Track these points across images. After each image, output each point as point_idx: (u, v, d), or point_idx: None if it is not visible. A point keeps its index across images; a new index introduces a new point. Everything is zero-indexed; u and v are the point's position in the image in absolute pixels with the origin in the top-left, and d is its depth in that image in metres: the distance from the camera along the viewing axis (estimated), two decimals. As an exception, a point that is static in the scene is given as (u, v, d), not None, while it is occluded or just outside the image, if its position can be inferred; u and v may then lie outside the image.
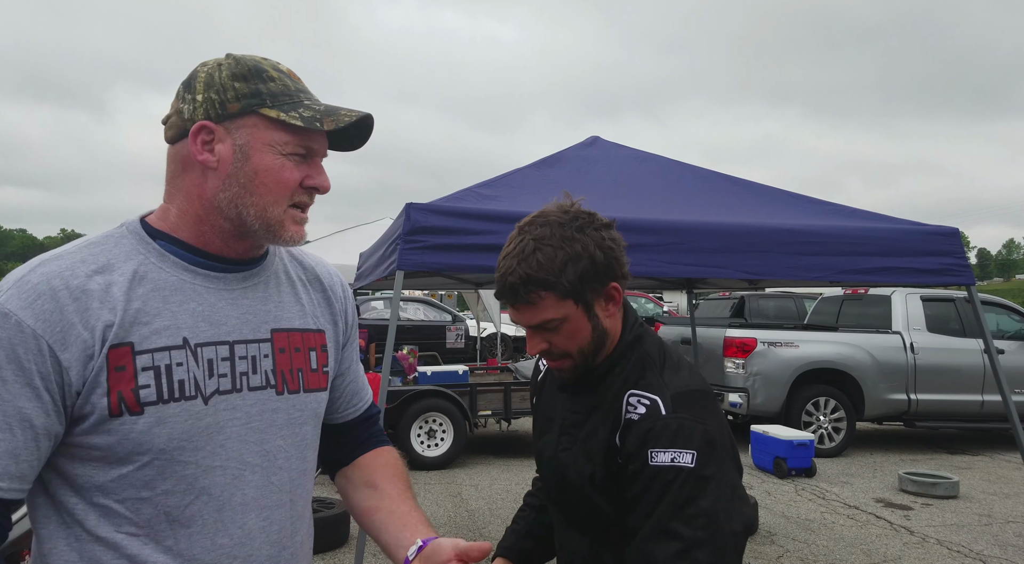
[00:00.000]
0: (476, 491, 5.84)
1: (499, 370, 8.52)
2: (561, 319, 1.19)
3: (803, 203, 3.68)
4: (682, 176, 3.97)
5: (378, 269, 3.63)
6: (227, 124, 1.01)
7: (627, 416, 1.20)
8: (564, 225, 1.18)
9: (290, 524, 1.09)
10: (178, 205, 1.05)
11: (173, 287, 1.01)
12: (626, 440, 1.19)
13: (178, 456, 0.97)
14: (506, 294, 1.20)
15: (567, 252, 1.16)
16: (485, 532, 4.81)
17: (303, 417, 1.11)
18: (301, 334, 1.13)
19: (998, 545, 4.73)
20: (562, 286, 1.16)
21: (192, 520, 0.98)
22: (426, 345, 12.03)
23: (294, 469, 1.09)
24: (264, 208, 1.02)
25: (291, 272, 1.18)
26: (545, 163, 3.90)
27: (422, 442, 6.52)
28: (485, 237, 3.00)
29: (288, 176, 1.03)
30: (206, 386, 1.00)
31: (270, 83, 1.03)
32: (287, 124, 1.02)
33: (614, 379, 1.25)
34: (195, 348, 1.00)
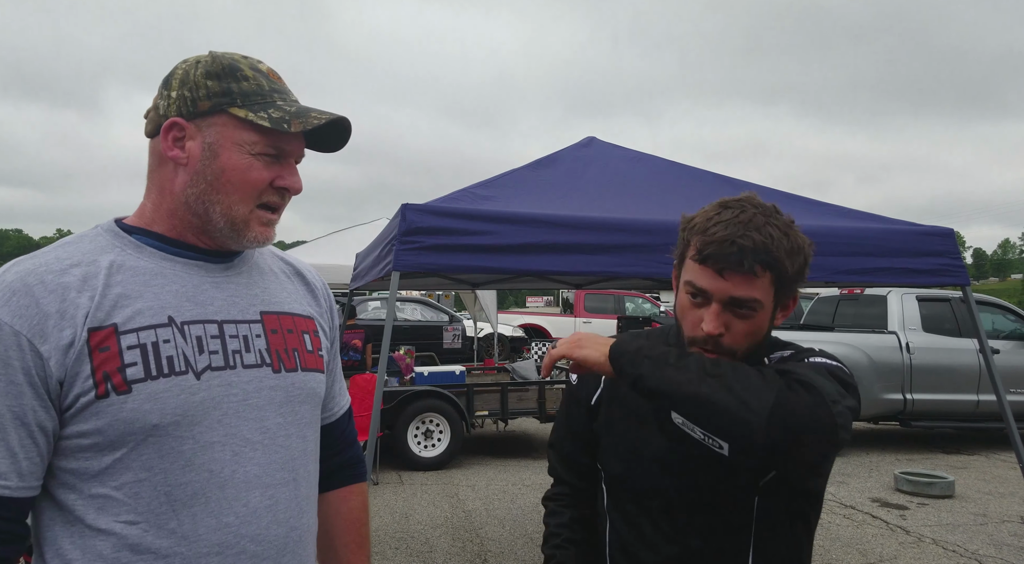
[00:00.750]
0: (473, 492, 5.84)
1: (496, 370, 8.52)
2: (761, 304, 1.11)
3: (798, 203, 3.69)
4: (678, 176, 3.97)
5: (374, 270, 3.63)
6: (198, 121, 1.03)
7: (771, 364, 1.18)
8: (780, 215, 1.13)
9: (295, 504, 1.07)
10: (152, 199, 1.06)
11: (153, 272, 1.02)
12: None
13: (174, 431, 0.96)
14: (728, 258, 1.08)
15: (792, 243, 1.10)
16: (482, 532, 4.81)
17: (302, 395, 1.10)
18: (292, 317, 1.13)
19: (993, 545, 4.74)
20: (783, 273, 1.10)
21: (195, 498, 0.97)
22: (423, 345, 12.02)
23: (295, 448, 1.08)
24: (230, 207, 1.03)
25: (271, 265, 1.19)
26: (541, 164, 3.90)
27: (419, 442, 6.52)
28: (481, 238, 3.00)
29: (255, 176, 1.04)
30: (197, 361, 0.99)
31: (243, 82, 1.04)
32: (255, 124, 1.02)
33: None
34: (182, 325, 1.00)
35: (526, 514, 5.26)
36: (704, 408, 1.02)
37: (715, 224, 1.10)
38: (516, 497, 5.70)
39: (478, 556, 4.39)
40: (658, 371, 1.06)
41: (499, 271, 3.12)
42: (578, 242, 3.07)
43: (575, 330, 17.62)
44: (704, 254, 1.10)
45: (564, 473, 1.40)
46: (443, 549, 4.49)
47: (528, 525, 4.99)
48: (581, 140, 4.24)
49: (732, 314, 1.11)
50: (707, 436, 1.07)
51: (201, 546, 0.97)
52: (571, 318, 18.01)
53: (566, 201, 3.42)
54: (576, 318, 17.84)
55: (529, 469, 6.65)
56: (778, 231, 1.09)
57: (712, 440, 1.07)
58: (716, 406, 1.01)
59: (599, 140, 4.25)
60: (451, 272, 3.15)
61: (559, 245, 3.05)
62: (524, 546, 4.57)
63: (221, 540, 0.98)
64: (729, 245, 1.08)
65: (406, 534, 4.77)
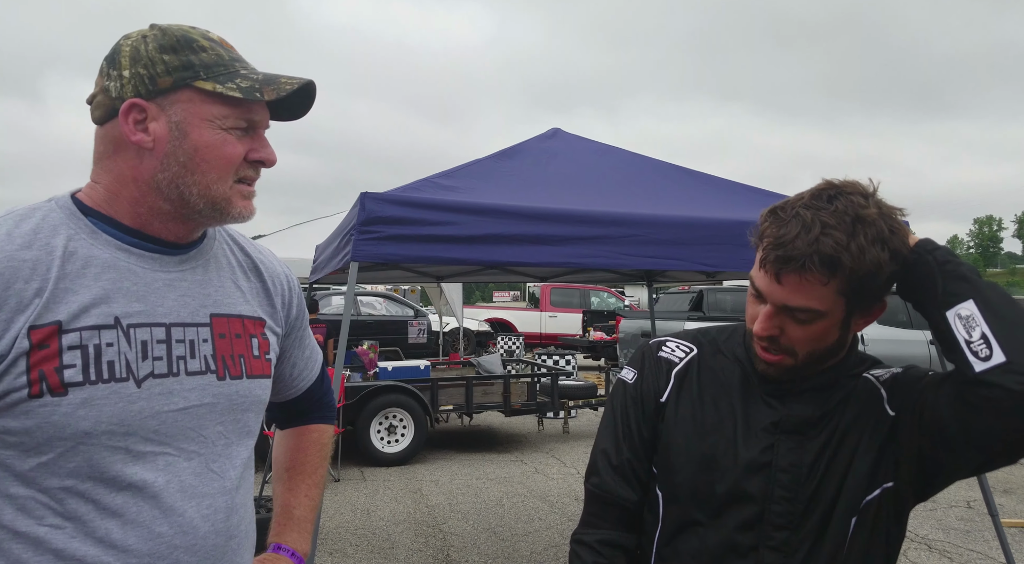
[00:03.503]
0: (436, 486, 5.80)
1: (461, 365, 8.48)
2: (819, 313, 1.04)
3: (759, 196, 3.72)
4: (642, 169, 3.97)
5: (333, 261, 3.55)
6: (159, 100, 0.95)
7: (883, 380, 1.13)
8: (864, 216, 1.02)
9: (234, 513, 1.04)
10: (106, 185, 0.99)
11: (105, 264, 0.95)
12: (897, 387, 1.11)
13: (107, 441, 0.90)
14: (786, 265, 1.02)
15: (875, 257, 1.01)
16: (445, 527, 4.77)
17: (245, 403, 1.06)
18: (242, 320, 1.08)
19: (941, 529, 4.88)
20: (852, 281, 1.01)
21: (125, 509, 0.92)
22: (387, 340, 11.90)
23: (235, 456, 1.05)
24: (208, 186, 0.97)
25: (230, 258, 1.13)
26: (505, 154, 3.86)
27: (382, 438, 6.45)
28: (443, 228, 2.95)
29: (231, 151, 0.98)
30: (139, 368, 0.94)
31: (201, 54, 0.97)
32: (225, 96, 0.96)
33: (843, 379, 1.14)
34: (128, 329, 0.94)
35: (490, 508, 5.23)
36: (1021, 321, 0.95)
37: (784, 225, 1.03)
38: (480, 491, 5.67)
39: (440, 551, 4.35)
40: (969, 269, 1.01)
41: (461, 262, 3.08)
42: (542, 234, 3.04)
43: (541, 323, 17.68)
44: (764, 258, 1.05)
45: (620, 488, 1.19)
46: (405, 545, 4.45)
47: (491, 519, 4.97)
48: (546, 131, 4.21)
49: (789, 317, 1.06)
50: (984, 340, 0.95)
51: (131, 557, 0.92)
52: (537, 312, 18.05)
53: (530, 192, 3.39)
54: (542, 312, 17.89)
55: (493, 463, 6.63)
56: (846, 235, 0.99)
57: (987, 347, 0.95)
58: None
59: (564, 132, 4.22)
60: (412, 263, 3.10)
61: (522, 236, 3.01)
62: (487, 540, 4.55)
63: (153, 550, 0.94)
64: (786, 252, 1.01)
65: (367, 531, 4.71)
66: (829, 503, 1.08)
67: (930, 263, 1.03)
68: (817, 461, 1.09)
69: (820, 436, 1.11)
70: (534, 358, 9.78)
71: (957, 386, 0.99)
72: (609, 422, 1.25)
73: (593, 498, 1.23)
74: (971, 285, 0.99)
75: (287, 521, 1.27)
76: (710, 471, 1.13)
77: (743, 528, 1.10)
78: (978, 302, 0.98)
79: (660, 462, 1.19)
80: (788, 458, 1.10)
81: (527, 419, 8.16)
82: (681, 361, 1.23)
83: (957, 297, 1.00)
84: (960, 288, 1.00)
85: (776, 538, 1.09)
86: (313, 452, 1.34)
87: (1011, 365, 0.93)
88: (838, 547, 1.08)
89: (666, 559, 1.16)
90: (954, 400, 0.99)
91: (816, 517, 1.08)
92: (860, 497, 1.08)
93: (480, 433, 8.09)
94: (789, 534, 1.09)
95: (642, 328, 10.95)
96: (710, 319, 8.37)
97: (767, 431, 1.12)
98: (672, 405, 1.20)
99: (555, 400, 7.15)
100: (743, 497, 1.11)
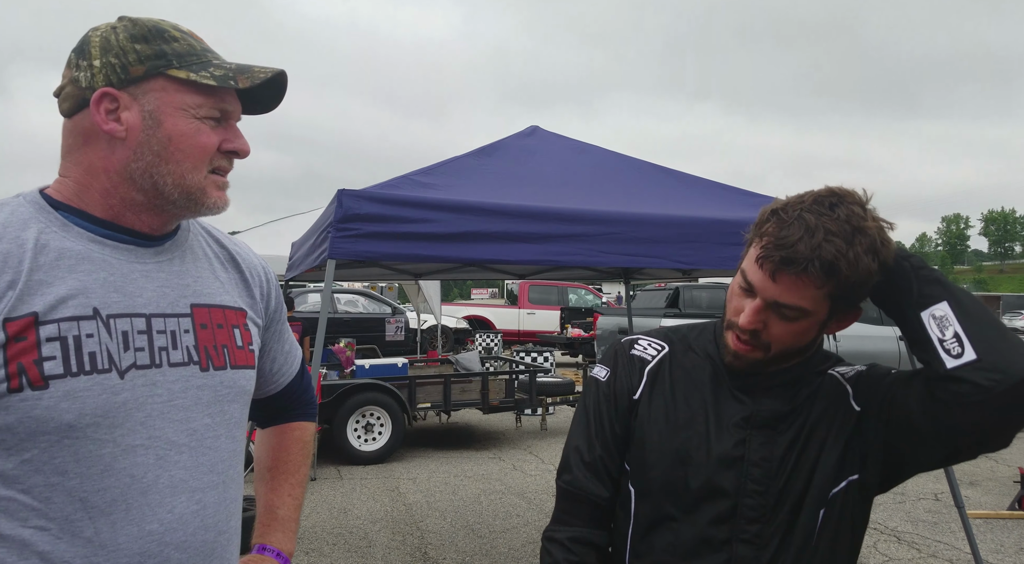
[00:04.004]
0: (414, 484, 5.78)
1: (439, 362, 8.46)
2: (808, 313, 1.07)
3: (734, 195, 3.76)
4: (619, 167, 4.00)
5: (309, 258, 3.52)
6: (131, 89, 0.94)
7: (848, 376, 1.17)
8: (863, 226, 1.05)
9: (224, 508, 1.02)
10: (76, 178, 0.97)
11: (80, 256, 0.93)
12: (863, 384, 1.15)
13: (92, 434, 0.88)
14: (784, 266, 1.04)
15: (868, 266, 1.04)
16: (423, 525, 4.77)
17: (231, 394, 1.04)
18: (223, 310, 1.07)
19: (910, 521, 4.99)
20: (844, 287, 1.05)
21: (113, 505, 0.90)
22: (365, 338, 11.83)
23: (223, 449, 1.03)
24: (182, 176, 0.96)
25: (206, 249, 1.11)
26: (484, 152, 3.86)
27: (359, 436, 6.42)
28: (422, 226, 2.94)
29: (206, 140, 0.97)
30: (121, 359, 0.92)
31: (174, 43, 0.96)
32: (199, 85, 0.96)
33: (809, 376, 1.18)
34: (107, 319, 0.92)
35: (467, 505, 5.24)
36: (989, 322, 1.01)
37: (787, 227, 1.05)
38: (458, 489, 5.67)
39: (418, 549, 4.35)
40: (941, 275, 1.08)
41: (439, 260, 3.08)
42: (520, 231, 3.04)
43: (519, 320, 17.70)
44: (764, 256, 1.07)
45: (592, 485, 1.20)
46: (382, 543, 4.43)
47: (469, 516, 4.98)
48: (524, 129, 4.22)
49: (774, 313, 1.08)
50: (956, 339, 1.00)
51: (120, 556, 0.90)
52: (515, 309, 18.07)
53: (509, 190, 3.40)
54: (520, 309, 17.91)
55: (472, 460, 6.63)
56: (846, 244, 1.02)
57: (959, 345, 0.99)
58: (1004, 331, 1.01)
59: (542, 129, 4.23)
60: (390, 261, 3.09)
61: (501, 234, 3.02)
62: (465, 537, 4.55)
63: (143, 548, 0.92)
64: (788, 254, 1.03)
65: (344, 529, 4.69)
66: (798, 496, 1.11)
67: (905, 268, 1.08)
68: (787, 455, 1.12)
69: (789, 431, 1.14)
70: (512, 355, 9.80)
71: (927, 382, 1.03)
72: (582, 420, 1.26)
73: (565, 495, 1.24)
74: (944, 288, 1.06)
75: (271, 521, 1.26)
76: (683, 466, 1.15)
77: (716, 522, 1.12)
78: (951, 304, 1.03)
79: (633, 458, 1.21)
80: (760, 452, 1.12)
81: (505, 416, 8.17)
82: (653, 359, 1.25)
83: (932, 298, 1.05)
84: (934, 290, 1.05)
85: (749, 531, 1.11)
86: (295, 451, 1.33)
87: (981, 362, 0.98)
88: (807, 538, 1.11)
89: (641, 555, 1.18)
90: (924, 396, 1.03)
91: (786, 510, 1.11)
92: (828, 489, 1.11)
93: (458, 430, 8.09)
94: (761, 527, 1.11)
95: (619, 325, 11.01)
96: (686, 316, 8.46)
97: (739, 426, 1.15)
98: (645, 402, 1.21)
99: (533, 397, 7.18)
100: (716, 492, 1.12)
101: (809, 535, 1.11)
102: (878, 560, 4.26)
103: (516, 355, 9.54)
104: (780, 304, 1.07)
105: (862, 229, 1.04)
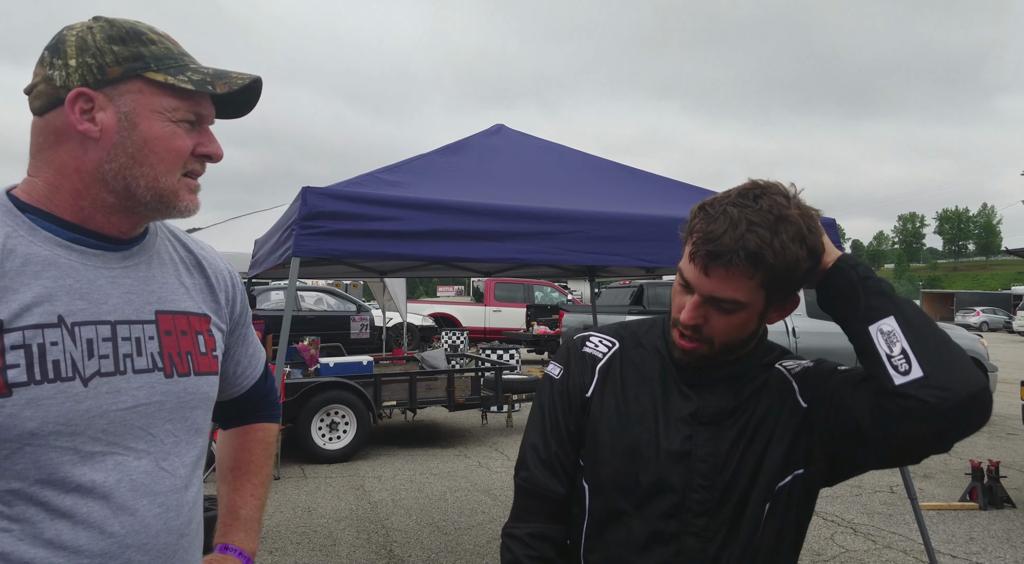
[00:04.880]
0: (379, 482, 5.76)
1: (405, 360, 8.43)
2: (742, 305, 1.10)
3: (696, 194, 3.83)
4: (584, 166, 4.04)
5: (273, 256, 3.48)
6: (108, 90, 0.94)
7: (795, 372, 1.19)
8: (787, 214, 1.07)
9: (186, 511, 1.04)
10: (46, 179, 0.96)
11: (46, 262, 0.93)
12: (809, 380, 1.17)
13: (54, 442, 0.89)
14: (713, 259, 1.07)
15: (788, 245, 1.06)
16: (388, 523, 4.75)
17: (194, 401, 1.06)
18: (187, 317, 1.07)
19: (866, 513, 5.14)
20: (774, 275, 1.07)
21: (75, 510, 0.91)
22: (329, 336, 11.72)
23: (186, 454, 1.04)
24: (156, 179, 0.96)
25: (172, 254, 1.12)
26: (450, 149, 3.86)
27: (323, 435, 6.36)
28: (387, 223, 2.93)
29: (180, 144, 0.98)
30: (85, 367, 0.92)
31: (151, 46, 0.97)
32: (176, 88, 0.96)
33: (755, 369, 1.20)
34: (72, 327, 0.92)
35: (433, 503, 5.23)
36: (936, 338, 1.02)
37: (713, 222, 1.08)
38: (424, 486, 5.66)
39: (383, 547, 4.33)
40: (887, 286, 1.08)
41: (405, 258, 3.07)
42: (486, 229, 3.05)
43: (485, 318, 17.70)
44: (694, 252, 1.10)
45: (548, 481, 1.22)
46: (347, 542, 4.41)
47: (435, 513, 4.98)
48: (490, 127, 4.22)
49: (713, 308, 1.11)
50: (904, 356, 1.02)
51: (82, 557, 0.91)
52: (481, 307, 18.07)
53: (475, 188, 3.40)
54: (486, 307, 17.92)
55: (437, 458, 6.62)
56: (770, 233, 1.05)
57: (906, 362, 1.01)
58: (949, 346, 1.02)
59: (508, 128, 4.24)
60: (355, 259, 3.07)
61: (467, 232, 3.02)
62: (430, 535, 4.55)
63: (105, 550, 0.93)
64: (714, 247, 1.06)
65: (308, 528, 4.64)
66: (744, 490, 1.14)
67: (852, 278, 1.10)
68: (732, 450, 1.15)
69: (735, 426, 1.16)
70: (478, 352, 9.80)
71: (876, 395, 1.06)
72: (537, 417, 1.28)
73: (523, 492, 1.26)
74: (891, 301, 1.07)
75: (234, 521, 1.27)
76: (635, 462, 1.17)
77: (666, 516, 1.15)
78: (899, 319, 1.05)
79: (587, 455, 1.23)
80: (706, 448, 1.15)
81: (471, 413, 8.18)
82: (604, 356, 1.27)
83: (879, 312, 1.06)
84: (882, 304, 1.06)
85: (696, 525, 1.14)
86: (258, 451, 1.34)
87: (928, 380, 1.00)
88: (753, 530, 1.14)
89: (595, 549, 1.20)
90: (873, 407, 1.06)
91: (732, 504, 1.14)
92: (773, 484, 1.14)
93: (424, 428, 8.07)
94: (708, 520, 1.14)
95: (584, 322, 11.10)
96: (650, 312, 8.58)
97: (686, 422, 1.17)
98: (597, 399, 1.23)
99: (499, 394, 7.19)
100: (665, 487, 1.15)
101: (755, 528, 1.14)
102: (835, 552, 4.38)
103: (482, 352, 9.54)
104: (716, 298, 1.10)
105: (785, 217, 1.07)
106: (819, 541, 4.53)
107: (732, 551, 1.14)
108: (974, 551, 4.42)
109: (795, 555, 1.21)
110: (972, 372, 1.00)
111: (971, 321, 33.52)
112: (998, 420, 8.93)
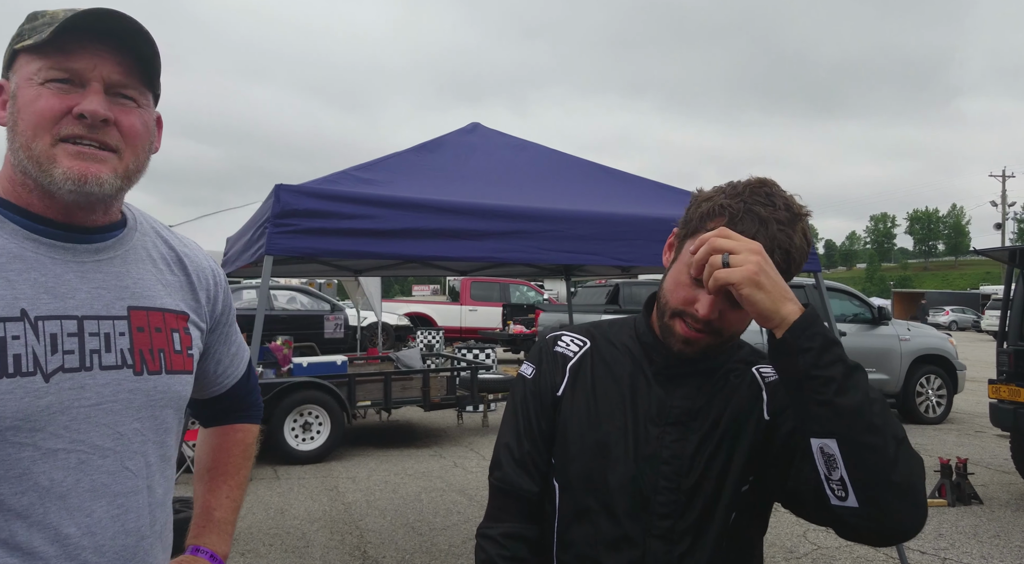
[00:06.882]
0: (353, 483, 5.71)
1: (380, 359, 8.36)
2: None
3: (670, 193, 3.85)
4: (559, 165, 4.04)
5: (245, 254, 3.43)
6: (9, 75, 0.98)
7: (768, 380, 1.19)
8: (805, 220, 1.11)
9: (148, 512, 1.01)
10: (3, 172, 0.99)
11: (12, 254, 0.92)
12: (779, 394, 1.16)
13: (11, 438, 0.87)
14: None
15: (805, 250, 1.10)
16: (362, 524, 4.71)
17: (164, 400, 1.03)
18: (163, 314, 1.05)
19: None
20: (790, 273, 1.10)
21: (30, 509, 0.89)
22: (303, 335, 11.60)
23: (151, 454, 1.02)
24: (27, 146, 0.94)
25: (151, 251, 1.09)
26: (425, 148, 3.84)
27: (296, 436, 6.29)
28: (361, 222, 2.90)
29: (43, 105, 0.93)
30: (47, 362, 0.90)
31: (38, 20, 0.96)
32: (31, 48, 0.95)
33: (731, 365, 1.21)
34: (35, 321, 0.91)
35: (408, 503, 5.20)
36: (881, 468, 0.95)
37: (740, 221, 1.08)
38: (398, 487, 5.63)
39: (357, 548, 4.29)
40: (857, 377, 0.97)
41: (380, 256, 3.04)
42: (462, 228, 3.04)
43: (461, 317, 17.66)
44: None
45: (522, 481, 1.22)
46: (320, 543, 4.36)
47: (409, 514, 4.94)
48: (466, 126, 4.21)
49: (729, 303, 1.09)
50: (841, 483, 0.98)
51: (36, 559, 0.89)
52: (457, 306, 18.02)
53: (450, 186, 3.38)
54: (462, 306, 17.87)
55: (412, 458, 6.59)
56: (792, 230, 1.08)
57: (843, 490, 0.98)
58: (896, 471, 0.95)
59: (483, 126, 4.23)
60: (329, 257, 3.04)
61: (442, 231, 3.00)
62: (405, 536, 4.52)
63: (59, 552, 0.91)
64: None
65: (281, 530, 4.59)
66: (711, 494, 1.14)
67: (798, 367, 1.00)
68: (698, 453, 1.15)
69: (701, 429, 1.16)
70: (454, 352, 9.77)
71: (818, 491, 1.04)
72: (511, 417, 1.28)
73: (497, 492, 1.25)
74: (836, 414, 0.97)
75: (207, 523, 1.25)
76: (603, 461, 1.17)
77: (631, 517, 1.15)
78: (842, 445, 0.97)
79: (558, 453, 1.23)
80: (671, 449, 1.15)
81: (446, 413, 8.14)
82: (575, 355, 1.27)
83: (822, 430, 0.98)
84: (826, 419, 0.98)
85: (660, 527, 1.14)
86: (236, 452, 1.32)
87: (862, 511, 0.98)
88: (720, 534, 1.14)
89: (566, 547, 1.20)
90: (818, 493, 1.04)
91: (699, 506, 1.14)
92: (738, 489, 1.15)
93: (399, 428, 8.02)
94: (673, 522, 1.14)
95: (561, 321, 11.12)
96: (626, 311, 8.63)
97: (653, 422, 1.17)
98: (568, 398, 1.23)
99: (474, 394, 7.18)
100: (632, 487, 1.15)
101: (722, 531, 1.14)
102: (807, 549, 4.43)
103: (458, 352, 9.51)
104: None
105: (799, 215, 1.11)
106: (791, 539, 4.58)
107: (700, 554, 1.14)
108: (942, 547, 4.51)
109: (760, 559, 1.22)
110: (910, 510, 0.96)
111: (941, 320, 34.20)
112: (967, 418, 9.13)
